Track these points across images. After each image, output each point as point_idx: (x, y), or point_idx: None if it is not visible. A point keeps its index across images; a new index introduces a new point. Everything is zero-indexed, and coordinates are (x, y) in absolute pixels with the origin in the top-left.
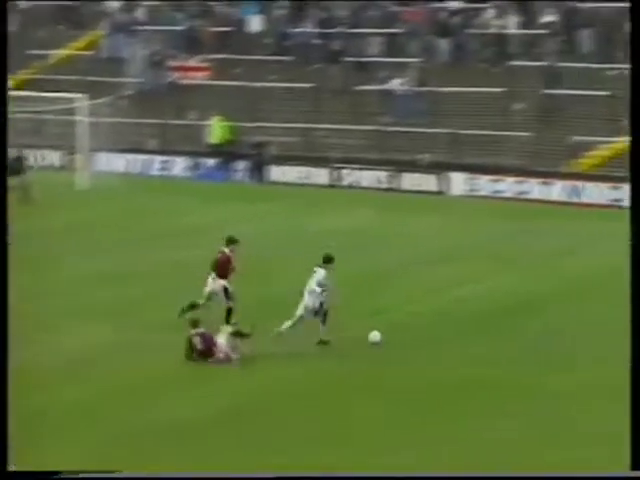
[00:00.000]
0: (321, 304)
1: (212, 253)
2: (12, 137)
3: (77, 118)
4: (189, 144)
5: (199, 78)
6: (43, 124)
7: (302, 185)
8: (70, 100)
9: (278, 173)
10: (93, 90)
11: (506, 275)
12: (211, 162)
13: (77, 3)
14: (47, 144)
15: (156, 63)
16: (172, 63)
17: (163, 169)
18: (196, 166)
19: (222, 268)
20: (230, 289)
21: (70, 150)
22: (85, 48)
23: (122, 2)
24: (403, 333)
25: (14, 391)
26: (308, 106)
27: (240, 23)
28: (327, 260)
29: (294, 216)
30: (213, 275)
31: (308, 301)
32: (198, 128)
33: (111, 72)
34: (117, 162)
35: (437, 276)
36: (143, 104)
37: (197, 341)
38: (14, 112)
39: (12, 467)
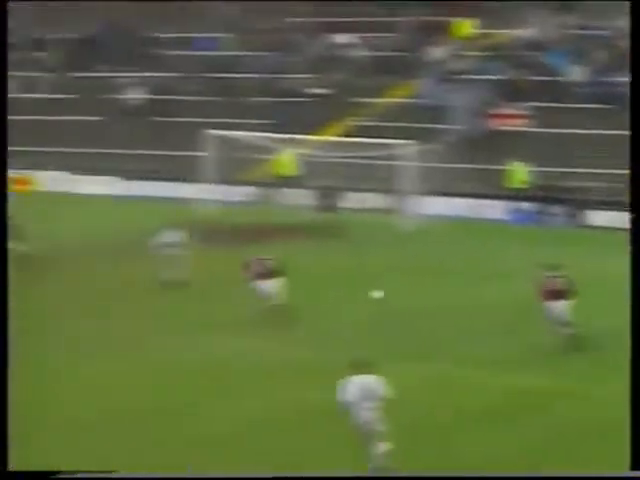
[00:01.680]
0: None
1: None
2: (326, 178)
3: (402, 163)
4: (504, 188)
5: (516, 125)
6: (366, 168)
7: (617, 229)
8: (395, 146)
9: (595, 217)
10: (412, 136)
11: None
12: (526, 206)
13: (397, 53)
14: (370, 187)
15: (476, 110)
16: (491, 111)
17: (478, 212)
18: (513, 209)
19: None
20: None
21: (392, 193)
22: (405, 96)
23: (443, 52)
24: None
25: None
26: (624, 153)
27: (557, 72)
28: None
29: (607, 258)
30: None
31: None
32: (510, 173)
33: (429, 119)
34: (437, 205)
35: None
36: (460, 149)
37: None
38: (340, 157)
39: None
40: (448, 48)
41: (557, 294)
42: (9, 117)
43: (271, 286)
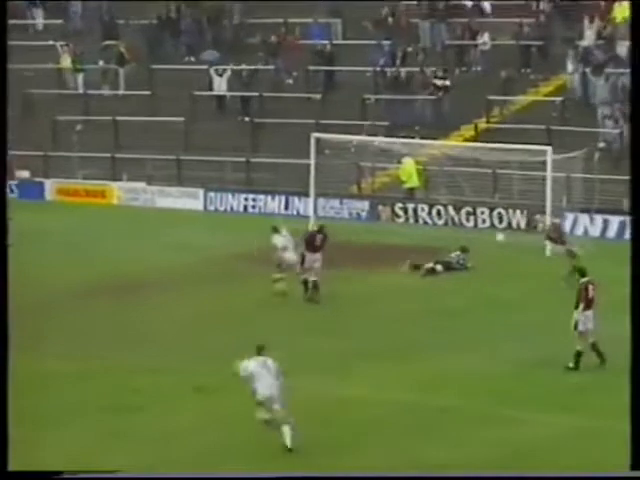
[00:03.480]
0: None
1: None
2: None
3: (548, 173)
4: None
5: None
6: (504, 179)
7: None
8: (540, 152)
9: None
10: (561, 141)
11: None
12: None
13: (542, 42)
14: (508, 201)
15: None
16: None
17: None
18: None
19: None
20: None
21: (536, 210)
22: (553, 93)
23: (597, 40)
24: None
25: None
26: None
27: None
28: None
29: None
30: None
31: None
32: None
33: (581, 120)
34: (585, 225)
35: None
36: (622, 157)
37: None
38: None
39: None
40: (604, 34)
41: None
42: (74, 117)
43: None
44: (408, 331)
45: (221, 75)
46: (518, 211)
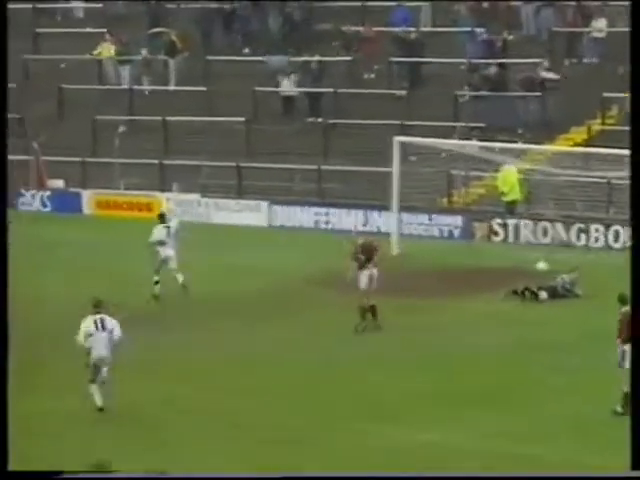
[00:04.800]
0: None
1: None
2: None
3: None
4: None
5: None
6: (619, 191)
7: None
8: None
9: None
10: None
11: None
12: None
13: None
14: (625, 218)
15: None
16: None
17: None
18: None
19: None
20: None
21: None
22: None
23: None
24: None
25: None
26: None
27: None
28: None
29: None
30: None
31: None
32: None
33: None
34: None
35: None
36: None
37: None
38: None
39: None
40: None
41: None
42: (117, 117)
43: None
44: (508, 369)
45: (288, 75)
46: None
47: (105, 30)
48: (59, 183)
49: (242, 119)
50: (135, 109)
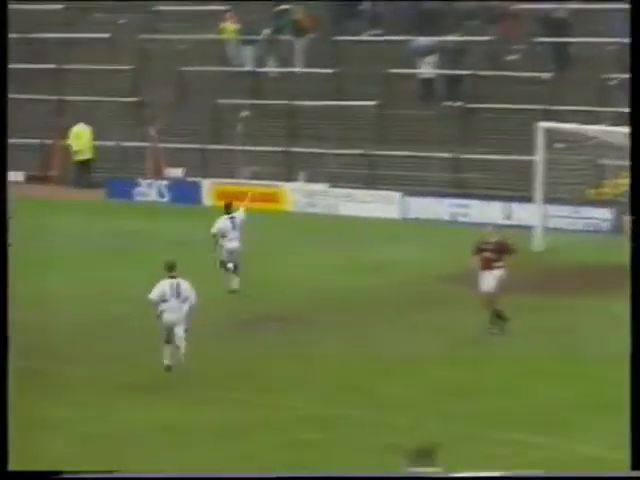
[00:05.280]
0: None
1: None
2: None
3: None
4: None
5: None
6: None
7: None
8: None
9: None
10: None
11: None
12: None
13: None
14: None
15: None
16: None
17: None
18: None
19: None
20: None
21: None
22: None
23: None
24: None
25: None
26: None
27: None
28: None
29: None
30: None
31: None
32: None
33: None
34: None
35: None
36: None
37: None
38: None
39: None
40: None
41: None
42: (239, 101)
43: None
44: None
45: (425, 57)
46: None
47: (226, 8)
48: (178, 172)
49: (373, 103)
50: (259, 92)
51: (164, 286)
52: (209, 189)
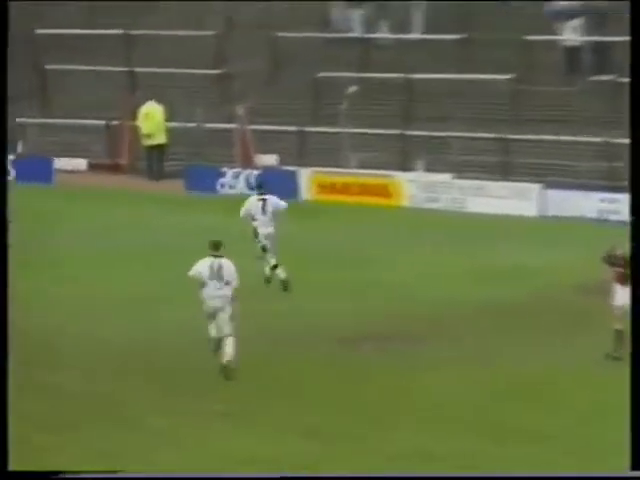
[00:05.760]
0: None
1: None
2: None
3: None
4: None
5: None
6: None
7: None
8: None
9: None
10: None
11: None
12: None
13: None
14: None
15: None
16: None
17: None
18: None
19: None
20: None
21: None
22: None
23: None
24: None
25: None
26: None
27: None
28: None
29: None
30: None
31: None
32: None
33: None
34: None
35: None
36: None
37: None
38: None
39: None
40: None
41: None
42: (345, 74)
43: None
44: None
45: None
46: None
47: None
48: (271, 159)
49: (508, 77)
50: (369, 64)
51: (203, 266)
52: (308, 180)
